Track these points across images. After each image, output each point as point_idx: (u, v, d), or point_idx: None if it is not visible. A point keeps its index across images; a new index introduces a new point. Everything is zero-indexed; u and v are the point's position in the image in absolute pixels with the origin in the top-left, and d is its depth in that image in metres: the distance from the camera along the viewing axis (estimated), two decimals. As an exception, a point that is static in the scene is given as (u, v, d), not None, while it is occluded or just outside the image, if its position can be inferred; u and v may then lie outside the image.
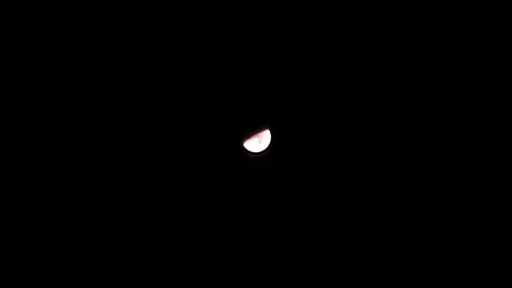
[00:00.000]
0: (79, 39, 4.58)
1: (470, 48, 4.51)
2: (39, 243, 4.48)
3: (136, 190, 4.50)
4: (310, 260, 4.38)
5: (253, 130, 4.39)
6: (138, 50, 4.58)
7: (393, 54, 4.49)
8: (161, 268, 4.47)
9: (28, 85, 4.56)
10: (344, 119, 4.45)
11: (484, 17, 4.49)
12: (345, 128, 4.44)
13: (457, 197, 4.45)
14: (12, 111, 4.53)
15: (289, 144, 4.40)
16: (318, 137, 4.39)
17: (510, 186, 4.43)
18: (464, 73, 4.51)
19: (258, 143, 4.37)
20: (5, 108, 4.54)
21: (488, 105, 4.51)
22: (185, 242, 4.45)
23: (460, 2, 4.44)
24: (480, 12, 4.48)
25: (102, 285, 4.45)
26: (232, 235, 4.38)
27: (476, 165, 4.48)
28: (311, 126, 4.40)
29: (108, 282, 4.46)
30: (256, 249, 4.41)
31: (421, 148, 4.48)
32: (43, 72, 4.56)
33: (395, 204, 4.44)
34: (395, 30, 4.49)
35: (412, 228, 4.43)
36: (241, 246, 4.41)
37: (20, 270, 4.46)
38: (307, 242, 4.38)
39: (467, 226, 4.43)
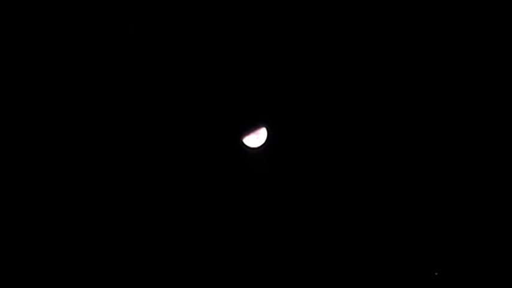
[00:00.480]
0: (79, 39, 4.63)
1: (470, 48, 4.60)
2: (39, 243, 4.58)
3: (141, 184, 4.67)
4: (307, 250, 4.64)
5: (251, 128, 4.74)
6: (138, 50, 4.65)
7: (385, 52, 4.63)
8: (160, 262, 4.65)
9: (28, 85, 4.62)
10: (334, 114, 4.68)
11: (484, 17, 4.55)
12: (336, 123, 4.67)
13: (454, 197, 4.60)
14: (13, 111, 4.60)
15: (284, 140, 4.67)
16: (310, 133, 4.65)
17: (510, 186, 4.53)
18: (464, 73, 4.61)
19: (256, 139, 4.72)
20: (5, 108, 4.60)
21: (488, 105, 4.59)
22: (188, 232, 4.67)
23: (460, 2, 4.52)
24: (480, 12, 4.54)
25: (102, 285, 4.57)
26: (233, 223, 4.66)
27: (476, 165, 4.59)
28: (304, 124, 4.65)
29: (108, 282, 4.58)
30: (253, 240, 4.66)
31: (415, 145, 4.64)
32: (43, 72, 4.63)
33: (390, 198, 4.64)
34: (385, 28, 4.63)
35: (408, 225, 4.62)
36: (240, 234, 4.67)
37: (20, 270, 4.54)
38: (302, 232, 4.65)
39: (467, 226, 4.56)
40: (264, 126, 4.70)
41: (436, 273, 4.53)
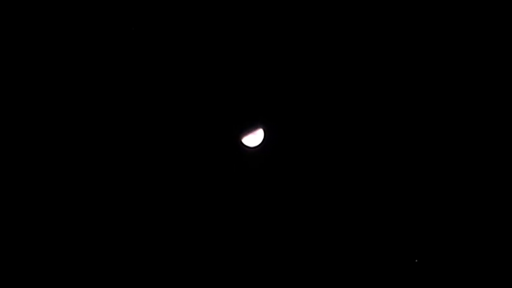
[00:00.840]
0: (79, 39, 4.67)
1: (470, 48, 4.63)
2: (39, 243, 4.59)
3: (139, 183, 4.71)
4: (305, 249, 4.70)
5: (249, 128, 4.82)
6: (138, 50, 4.70)
7: (383, 52, 4.69)
8: (158, 262, 4.67)
9: (28, 85, 4.64)
10: (331, 113, 4.76)
11: (484, 17, 4.58)
12: (333, 121, 4.75)
13: (451, 197, 4.64)
14: (13, 111, 4.62)
15: (281, 140, 4.78)
16: (306, 133, 4.74)
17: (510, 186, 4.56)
18: (464, 73, 4.65)
19: (254, 139, 4.80)
20: (5, 108, 4.62)
21: (488, 105, 4.62)
22: (187, 230, 4.72)
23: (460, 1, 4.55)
24: (480, 12, 4.57)
25: (102, 285, 4.60)
26: (233, 221, 4.75)
27: (476, 166, 4.62)
28: (301, 124, 4.75)
29: (108, 282, 4.61)
30: (252, 238, 4.73)
31: (415, 144, 4.69)
32: (43, 73, 4.65)
33: (387, 197, 4.69)
34: (383, 28, 4.67)
35: (408, 226, 4.67)
36: (239, 232, 4.74)
37: (20, 270, 4.54)
38: (300, 230, 4.72)
39: (467, 226, 4.60)
40: (262, 125, 4.81)
41: (416, 260, 4.62)
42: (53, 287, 4.58)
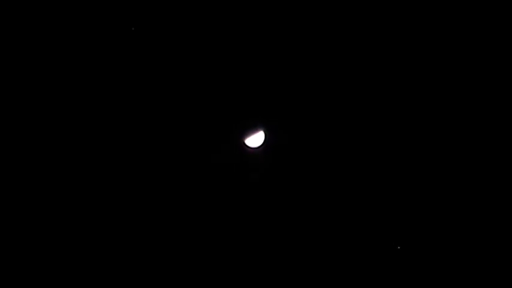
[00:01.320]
0: (79, 39, 4.67)
1: (470, 48, 4.66)
2: (39, 243, 4.60)
3: (142, 184, 4.72)
4: (305, 249, 4.73)
5: (251, 129, 4.84)
6: (138, 50, 4.70)
7: (383, 52, 4.70)
8: (159, 262, 4.69)
9: (28, 85, 4.64)
10: (332, 114, 4.79)
11: (484, 17, 4.61)
12: (334, 122, 4.78)
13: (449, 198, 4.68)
14: (13, 111, 4.61)
15: (282, 140, 4.81)
16: (307, 134, 4.77)
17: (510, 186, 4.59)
18: (465, 73, 4.68)
19: (256, 139, 4.82)
20: (5, 108, 4.62)
21: (488, 105, 4.64)
22: (188, 231, 4.74)
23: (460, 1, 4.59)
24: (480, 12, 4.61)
25: (102, 285, 4.61)
26: (236, 219, 4.78)
27: (477, 166, 4.66)
28: (301, 125, 4.77)
29: (108, 282, 4.62)
30: (253, 239, 4.75)
31: (415, 145, 4.71)
32: (43, 72, 4.65)
33: (385, 196, 4.72)
34: (384, 28, 4.69)
35: (407, 225, 4.70)
36: (240, 231, 4.77)
37: (20, 270, 4.55)
38: (300, 230, 4.75)
39: (467, 226, 4.64)
40: (263, 126, 4.82)
41: (399, 247, 4.68)
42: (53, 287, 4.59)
